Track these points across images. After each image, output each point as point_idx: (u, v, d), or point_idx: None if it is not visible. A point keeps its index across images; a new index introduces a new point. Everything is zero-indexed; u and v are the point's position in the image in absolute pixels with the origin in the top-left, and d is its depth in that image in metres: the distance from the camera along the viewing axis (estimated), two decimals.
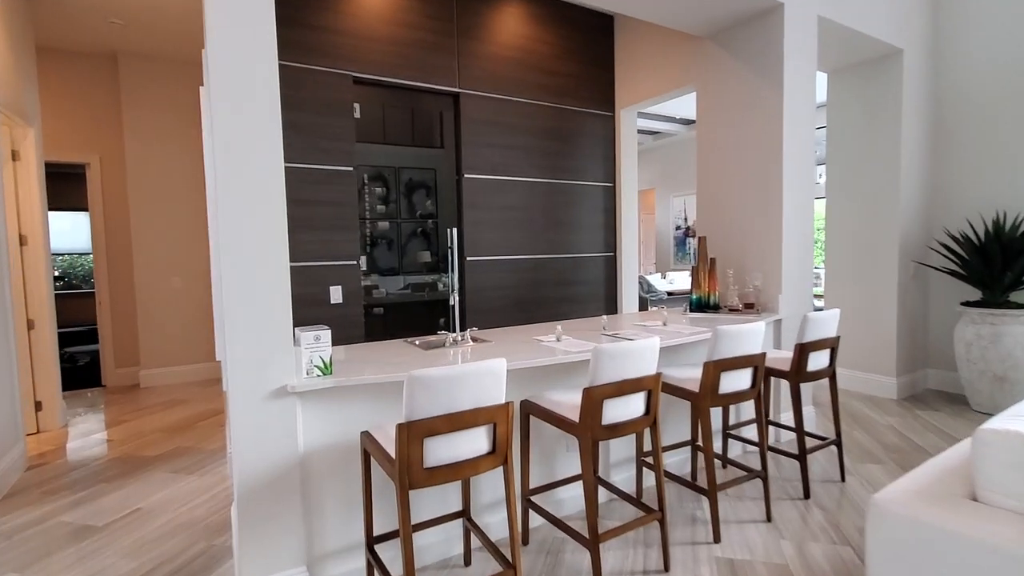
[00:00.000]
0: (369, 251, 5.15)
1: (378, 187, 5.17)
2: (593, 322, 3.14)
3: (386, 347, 2.47)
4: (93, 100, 5.15)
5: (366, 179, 5.05)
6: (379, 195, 5.06)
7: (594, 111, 4.45)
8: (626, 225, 4.61)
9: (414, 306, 4.89)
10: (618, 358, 1.89)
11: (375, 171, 4.96)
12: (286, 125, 3.24)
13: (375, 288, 4.99)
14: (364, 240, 5.14)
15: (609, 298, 4.61)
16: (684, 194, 11.26)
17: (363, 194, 4.93)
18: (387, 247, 5.09)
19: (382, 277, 5.20)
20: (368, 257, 5.07)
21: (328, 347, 1.93)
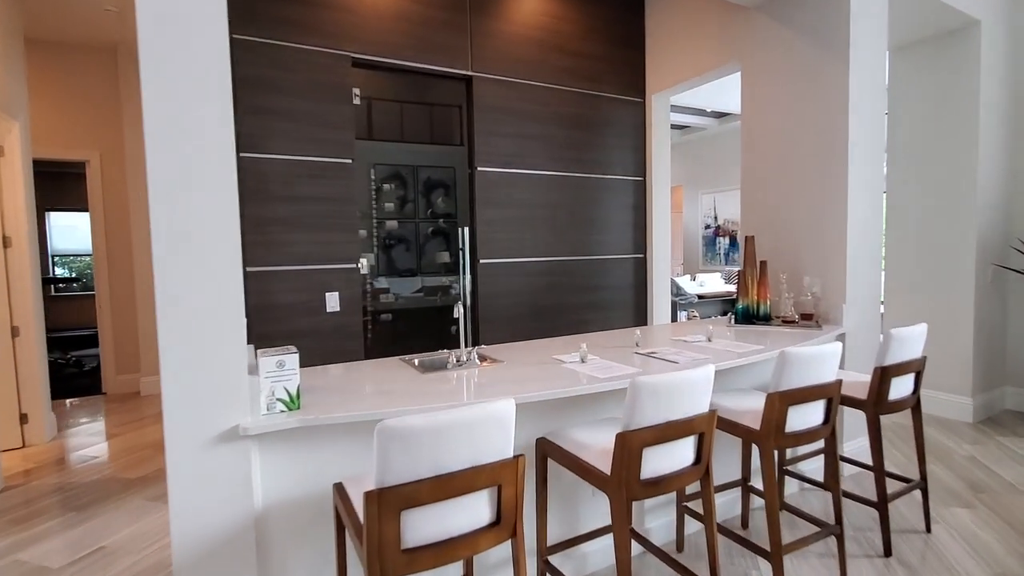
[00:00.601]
0: (382, 252, 4.84)
1: (393, 185, 4.92)
2: (623, 336, 2.71)
3: (378, 368, 2.09)
4: (92, 95, 4.91)
5: (375, 176, 4.82)
6: (395, 194, 4.89)
7: (622, 97, 4.00)
8: (658, 223, 4.15)
9: (426, 312, 4.51)
10: (663, 394, 1.46)
11: (392, 170, 4.78)
12: (275, 112, 2.89)
13: (384, 292, 4.62)
14: (379, 241, 4.79)
15: (638, 305, 4.16)
16: (714, 191, 10.68)
17: (379, 193, 4.74)
18: (405, 248, 4.89)
19: (393, 280, 4.98)
20: (383, 259, 4.80)
21: (295, 375, 1.55)
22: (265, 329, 2.90)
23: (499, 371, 1.98)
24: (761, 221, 3.24)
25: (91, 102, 4.90)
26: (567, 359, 2.13)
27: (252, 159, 2.85)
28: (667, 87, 3.95)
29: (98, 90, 4.91)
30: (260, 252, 2.88)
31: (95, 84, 4.90)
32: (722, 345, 2.38)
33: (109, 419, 4.32)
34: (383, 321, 4.46)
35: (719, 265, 10.71)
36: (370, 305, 4.49)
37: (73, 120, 4.86)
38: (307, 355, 3.03)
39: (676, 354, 2.18)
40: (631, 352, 2.26)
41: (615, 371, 1.91)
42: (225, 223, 1.45)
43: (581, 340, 2.59)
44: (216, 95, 1.42)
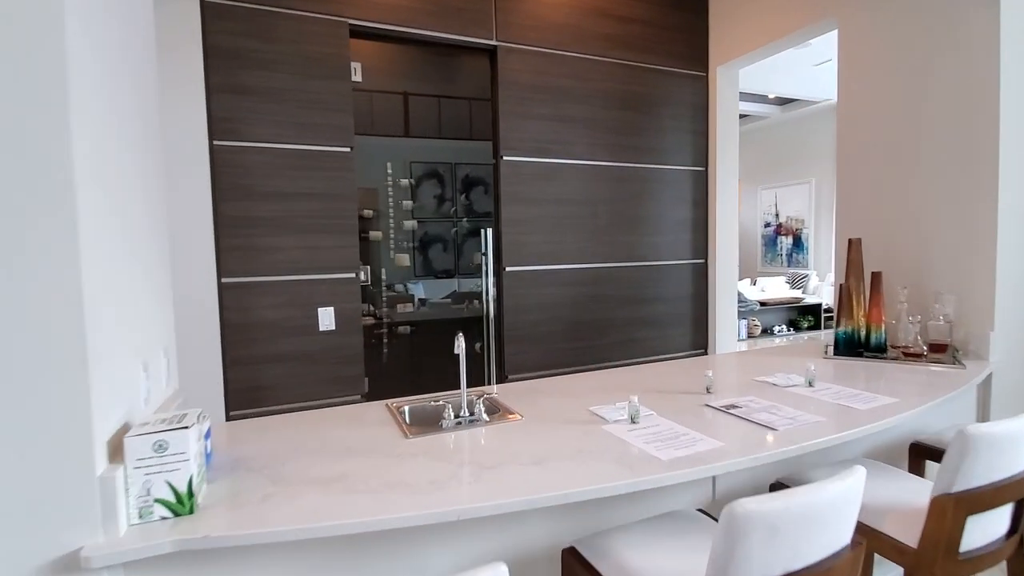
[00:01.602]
0: (399, 254, 4.44)
1: (419, 182, 4.65)
2: (686, 373, 2.06)
3: (352, 421, 1.53)
4: None
5: (411, 173, 4.66)
6: (432, 192, 4.68)
7: (680, 70, 3.33)
8: (722, 222, 3.45)
9: (450, 325, 3.97)
10: (783, 533, 0.83)
11: (430, 167, 4.62)
12: (256, 92, 2.40)
13: (403, 301, 4.12)
14: (396, 244, 4.33)
15: (697, 320, 3.47)
16: (775, 186, 9.71)
17: (415, 193, 4.60)
18: (442, 248, 4.68)
19: (422, 283, 4.68)
20: (408, 262, 4.47)
21: (190, 461, 1.01)
22: (244, 352, 2.42)
23: (513, 435, 1.39)
24: (867, 219, 2.51)
25: None
26: (611, 414, 1.51)
27: (227, 148, 2.36)
28: (735, 57, 3.24)
29: None
30: (237, 260, 2.40)
31: None
32: (831, 393, 1.70)
33: None
34: (400, 335, 3.96)
35: (780, 267, 9.72)
36: (386, 316, 4.01)
37: None
38: (296, 383, 2.54)
39: (769, 409, 1.53)
40: (701, 403, 1.62)
41: (682, 445, 1.28)
42: (61, 228, 0.91)
43: (630, 376, 1.96)
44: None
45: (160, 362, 1.39)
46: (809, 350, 2.40)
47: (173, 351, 1.57)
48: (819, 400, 1.64)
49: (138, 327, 1.22)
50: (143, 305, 1.27)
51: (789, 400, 1.64)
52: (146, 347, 1.26)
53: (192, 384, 2.33)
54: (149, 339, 1.30)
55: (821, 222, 8.88)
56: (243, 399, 2.43)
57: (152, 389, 1.27)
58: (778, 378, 1.88)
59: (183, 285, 2.27)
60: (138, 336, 1.21)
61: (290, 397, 2.50)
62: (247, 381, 2.44)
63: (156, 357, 1.34)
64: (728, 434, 1.36)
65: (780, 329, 7.55)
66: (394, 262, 4.43)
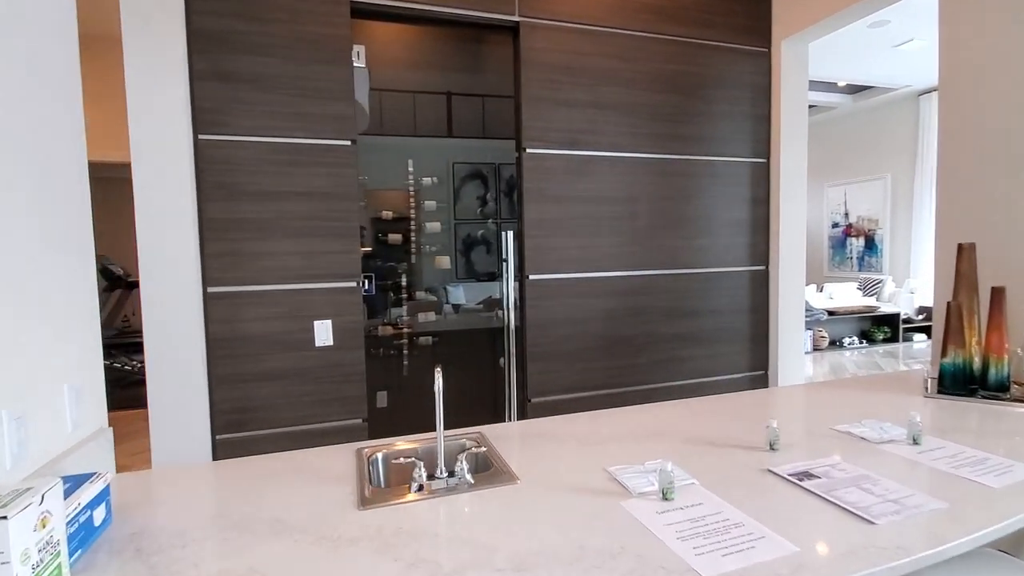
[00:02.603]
0: (423, 260, 4.24)
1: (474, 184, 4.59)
2: (740, 412, 1.64)
3: (300, 477, 1.22)
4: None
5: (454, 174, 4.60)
6: (475, 193, 4.65)
7: (738, 45, 2.86)
8: (788, 223, 2.95)
9: (476, 335, 3.66)
10: None
11: (473, 168, 4.50)
12: (245, 79, 2.14)
13: (425, 310, 3.83)
14: (416, 248, 4.07)
15: (755, 337, 2.99)
16: (845, 182, 8.86)
17: (459, 194, 4.48)
18: (485, 251, 4.55)
19: (459, 287, 4.55)
20: (428, 266, 4.31)
21: (9, 564, 0.71)
22: (231, 369, 2.17)
23: (498, 513, 1.02)
24: (978, 222, 1.99)
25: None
26: (636, 482, 1.12)
27: (213, 142, 2.12)
28: (804, 27, 2.74)
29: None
30: (224, 267, 2.16)
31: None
32: (946, 456, 1.24)
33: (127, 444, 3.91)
34: (421, 345, 3.67)
35: (850, 271, 8.85)
36: (407, 326, 3.73)
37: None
38: (289, 404, 2.26)
39: (860, 481, 1.09)
40: (761, 466, 1.20)
41: (734, 544, 0.88)
42: None
43: (668, 417, 1.55)
44: None
45: (62, 402, 1.12)
46: (903, 384, 1.90)
47: (99, 382, 1.30)
48: (930, 468, 1.19)
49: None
50: (12, 332, 0.99)
51: (887, 465, 1.20)
52: (15, 390, 0.99)
53: (173, 405, 2.11)
54: (30, 377, 1.03)
55: (898, 222, 8.00)
56: (230, 421, 2.19)
57: (26, 444, 1.00)
58: (867, 428, 1.42)
59: (162, 295, 2.05)
60: None
61: (282, 420, 2.24)
62: (235, 401, 2.19)
63: (42, 401, 1.07)
64: (804, 527, 0.95)
65: (851, 341, 6.80)
66: (433, 264, 4.29)
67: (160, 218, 2.03)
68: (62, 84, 1.20)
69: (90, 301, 1.27)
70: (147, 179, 2.01)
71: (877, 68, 6.70)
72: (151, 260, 2.03)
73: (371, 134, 4.18)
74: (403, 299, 3.84)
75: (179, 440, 2.09)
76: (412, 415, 3.30)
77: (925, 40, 5.73)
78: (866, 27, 5.50)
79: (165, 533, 1.00)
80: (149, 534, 0.99)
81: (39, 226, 1.08)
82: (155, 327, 2.04)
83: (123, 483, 1.24)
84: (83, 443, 1.20)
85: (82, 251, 1.24)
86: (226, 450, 2.18)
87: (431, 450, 1.31)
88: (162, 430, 2.06)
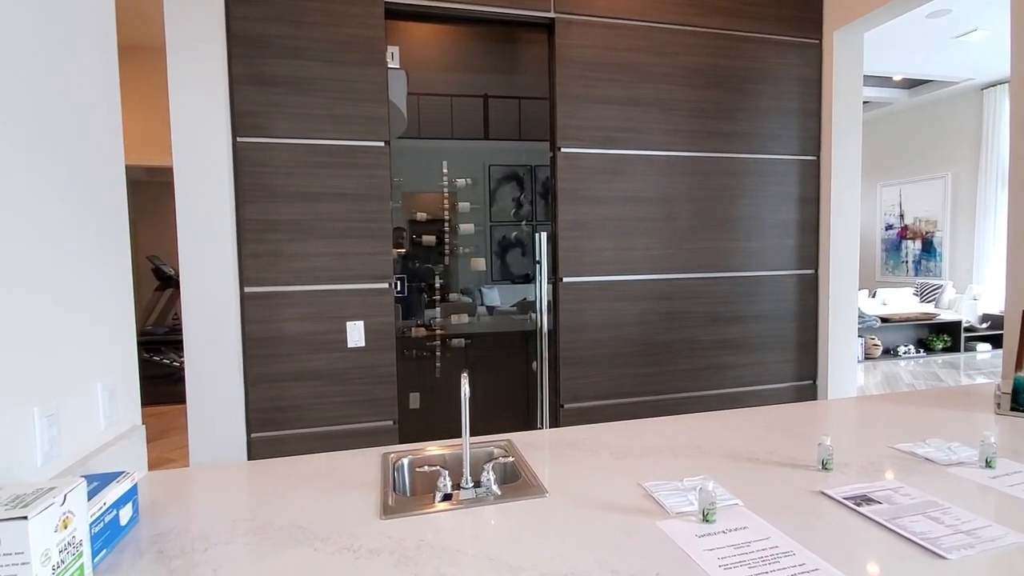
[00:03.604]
0: (496, 259, 4.42)
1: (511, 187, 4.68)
2: (789, 426, 1.53)
3: (324, 481, 1.19)
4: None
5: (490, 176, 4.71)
6: (511, 195, 4.74)
7: (786, 37, 2.72)
8: (840, 224, 2.79)
9: (506, 338, 3.62)
10: None
11: (509, 170, 4.56)
12: (282, 83, 2.17)
13: (458, 312, 3.81)
14: (447, 250, 4.08)
15: (803, 345, 2.83)
16: (900, 182, 8.40)
17: (494, 196, 4.56)
18: (520, 253, 4.68)
19: (493, 289, 4.61)
20: (494, 265, 4.45)
21: (29, 565, 0.70)
22: (266, 369, 2.19)
23: (524, 529, 0.97)
24: None
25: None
26: (674, 500, 1.04)
27: (251, 145, 2.16)
28: (859, 16, 2.58)
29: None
30: (261, 268, 2.18)
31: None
32: (1022, 488, 1.11)
33: (162, 443, 4.03)
34: (454, 348, 3.65)
35: (905, 276, 8.38)
36: (439, 328, 3.72)
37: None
38: (322, 404, 2.27)
39: (927, 509, 0.99)
40: (814, 488, 1.10)
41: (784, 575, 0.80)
42: None
43: (710, 430, 1.46)
44: None
45: (95, 400, 1.13)
46: (968, 399, 1.74)
47: (133, 380, 1.32)
48: (1007, 495, 1.06)
49: (27, 363, 0.95)
50: (50, 331, 1.00)
51: (957, 491, 1.08)
52: (49, 388, 1.00)
53: (210, 403, 2.14)
54: (65, 375, 1.04)
55: (959, 224, 7.52)
56: (265, 420, 2.21)
57: (58, 442, 1.00)
58: (932, 448, 1.30)
59: (201, 295, 2.08)
60: (27, 376, 0.94)
61: (315, 419, 2.25)
62: (269, 400, 2.21)
63: (75, 399, 1.08)
64: (864, 559, 0.85)
65: (906, 350, 6.42)
66: (469, 266, 4.33)
67: (200, 220, 2.07)
68: (100, 90, 1.22)
69: (125, 300, 1.28)
70: (188, 182, 2.05)
71: (937, 61, 6.32)
72: (191, 261, 2.07)
73: (408, 137, 4.22)
74: (436, 301, 3.83)
75: (216, 437, 2.12)
76: (444, 417, 3.28)
77: (990, 29, 5.37)
78: (925, 17, 5.19)
79: (189, 535, 0.99)
80: (174, 535, 0.99)
81: (76, 226, 1.10)
82: (194, 326, 2.09)
83: (155, 481, 1.25)
84: (116, 441, 1.21)
85: (118, 251, 1.26)
86: (260, 448, 2.21)
87: (457, 458, 1.27)
88: (200, 427, 2.10)
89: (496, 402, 3.27)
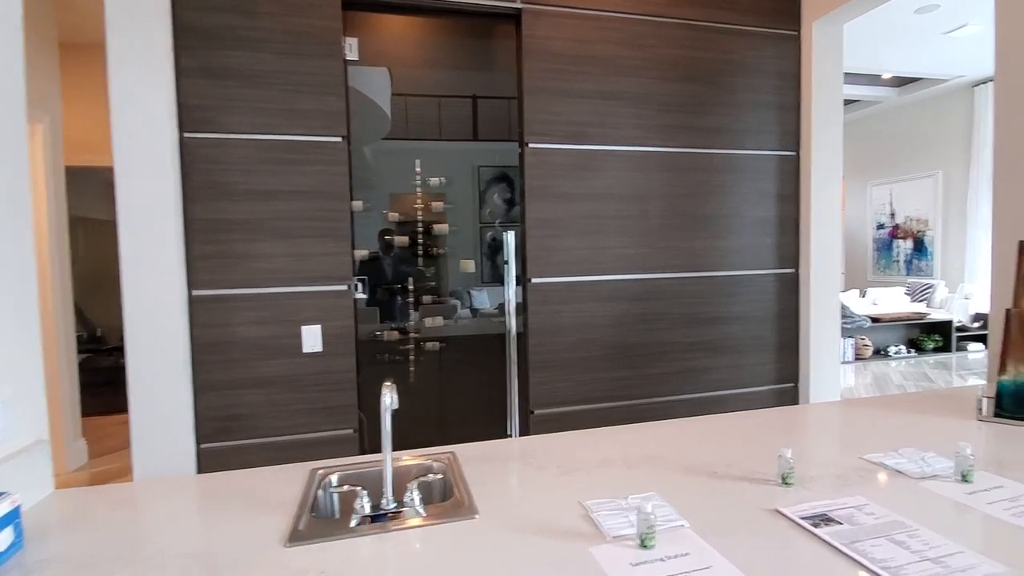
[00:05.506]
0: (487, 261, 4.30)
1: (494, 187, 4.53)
2: (753, 435, 1.43)
3: (238, 500, 1.09)
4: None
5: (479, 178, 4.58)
6: (503, 196, 4.60)
7: (763, 28, 2.63)
8: (820, 222, 2.69)
9: (482, 341, 3.51)
10: None
11: (499, 171, 4.49)
12: (234, 75, 2.06)
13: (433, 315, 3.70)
14: (480, 250, 3.97)
15: (783, 346, 2.73)
16: (891, 181, 8.34)
17: (486, 197, 4.38)
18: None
19: (483, 292, 4.47)
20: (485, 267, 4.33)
21: None
22: (216, 376, 2.08)
23: (440, 560, 0.87)
24: None
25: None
26: (612, 523, 0.94)
27: (201, 141, 2.05)
28: (839, 5, 2.50)
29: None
30: (211, 270, 2.07)
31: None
32: (1003, 499, 1.01)
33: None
34: (428, 351, 3.54)
35: (897, 275, 8.30)
36: (413, 331, 3.61)
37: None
38: (277, 412, 2.14)
39: (891, 531, 0.89)
40: (770, 505, 1.00)
41: None
42: None
43: (668, 439, 1.36)
44: None
45: None
46: (955, 403, 1.65)
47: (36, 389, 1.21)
48: (986, 515, 0.97)
49: None
50: None
51: (928, 509, 0.99)
52: None
53: (156, 412, 2.03)
54: None
55: (951, 222, 7.46)
56: (216, 429, 2.10)
57: None
58: (905, 459, 1.20)
59: (144, 299, 1.98)
60: None
61: (269, 429, 2.14)
62: (220, 409, 2.10)
63: None
64: None
65: (897, 350, 6.34)
66: (459, 268, 4.21)
67: (142, 220, 1.96)
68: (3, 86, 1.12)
69: (26, 300, 1.18)
70: (129, 179, 1.95)
71: (926, 58, 6.26)
72: (133, 262, 1.96)
73: (395, 138, 4.10)
74: (410, 303, 3.72)
75: (162, 450, 2.01)
76: (416, 424, 3.17)
77: (980, 25, 5.30)
78: (913, 12, 5.12)
79: (74, 563, 0.88)
80: (58, 563, 0.88)
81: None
82: (137, 331, 1.97)
83: (63, 499, 1.15)
84: (12, 456, 1.10)
85: (18, 243, 1.15)
86: (211, 460, 2.09)
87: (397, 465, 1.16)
88: (144, 439, 1.99)
89: (469, 408, 3.17)
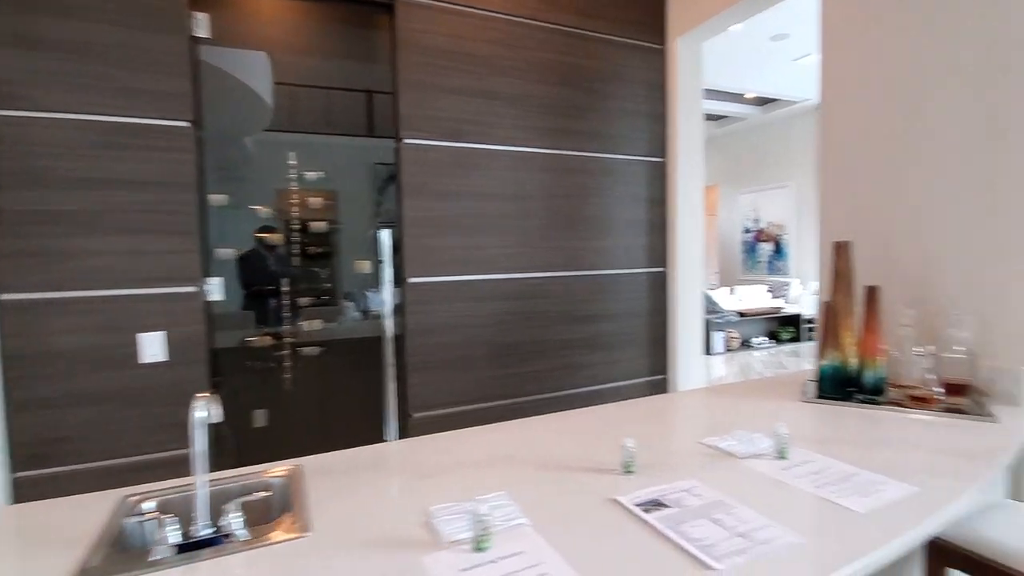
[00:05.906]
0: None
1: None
2: (608, 427, 1.48)
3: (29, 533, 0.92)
4: None
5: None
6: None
7: (633, 40, 2.78)
8: (685, 224, 2.89)
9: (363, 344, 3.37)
10: None
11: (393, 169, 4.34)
12: (53, 46, 1.79)
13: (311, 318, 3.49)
14: (376, 249, 3.74)
15: (655, 340, 2.90)
16: (756, 190, 9.26)
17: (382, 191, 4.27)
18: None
19: (368, 295, 4.27)
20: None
21: None
22: (34, 393, 1.79)
23: None
24: (857, 221, 1.96)
25: None
26: (451, 528, 0.91)
27: (11, 120, 1.75)
28: (697, 24, 2.70)
29: None
30: (22, 270, 1.78)
31: None
32: (811, 473, 1.12)
33: None
34: (307, 356, 3.34)
35: (761, 274, 9.24)
36: (289, 335, 3.39)
37: None
38: (109, 433, 1.86)
39: (711, 511, 0.95)
40: (610, 495, 1.03)
41: None
42: None
43: (527, 437, 1.37)
44: None
45: None
46: (785, 389, 1.83)
47: None
48: (794, 488, 1.06)
49: None
50: None
51: (748, 486, 1.07)
52: None
53: None
54: None
55: (804, 227, 8.41)
56: (34, 455, 1.80)
57: None
58: (735, 441, 1.30)
59: None
60: None
61: (101, 452, 1.87)
62: (39, 431, 1.81)
63: None
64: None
65: (760, 341, 7.04)
66: (354, 268, 3.97)
67: None
68: None
69: None
70: None
71: (780, 81, 7.00)
72: None
73: (278, 130, 3.79)
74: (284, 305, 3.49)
75: None
76: (295, 434, 2.97)
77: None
78: (768, 39, 5.69)
79: None
80: None
81: None
82: None
83: None
84: None
85: None
86: (28, 491, 1.80)
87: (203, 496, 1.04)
88: None
89: (348, 414, 3.03)
